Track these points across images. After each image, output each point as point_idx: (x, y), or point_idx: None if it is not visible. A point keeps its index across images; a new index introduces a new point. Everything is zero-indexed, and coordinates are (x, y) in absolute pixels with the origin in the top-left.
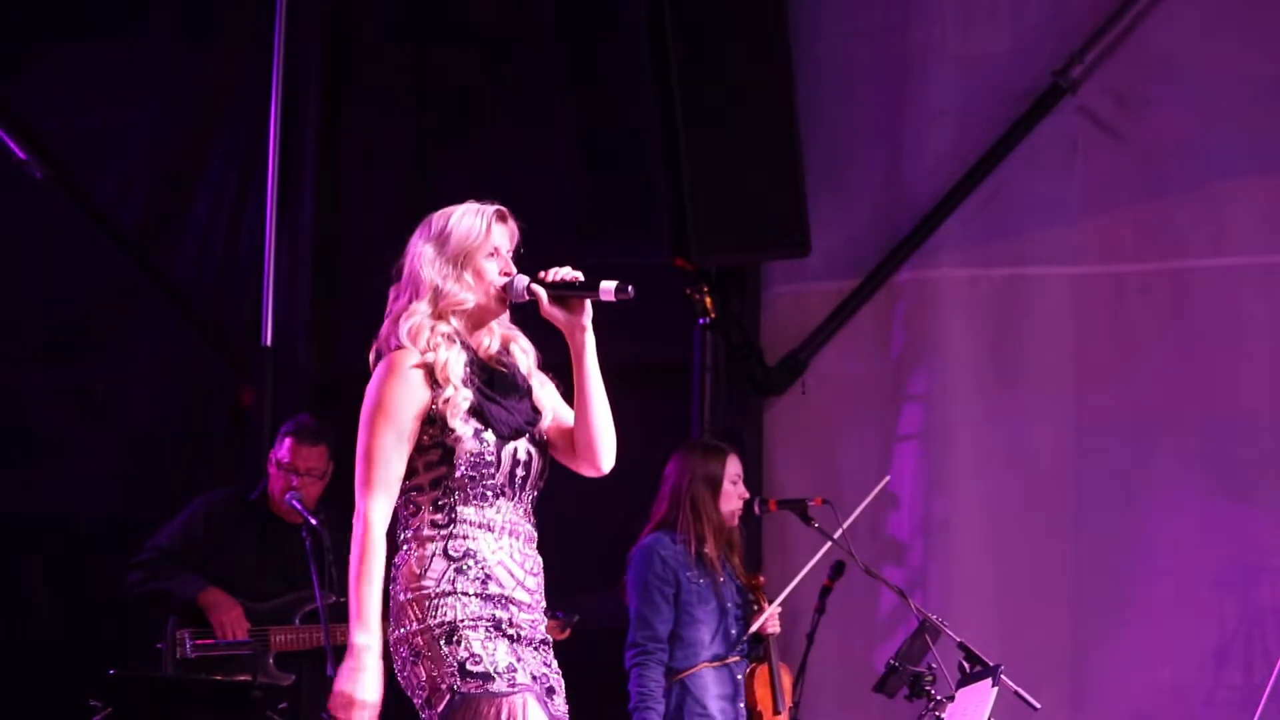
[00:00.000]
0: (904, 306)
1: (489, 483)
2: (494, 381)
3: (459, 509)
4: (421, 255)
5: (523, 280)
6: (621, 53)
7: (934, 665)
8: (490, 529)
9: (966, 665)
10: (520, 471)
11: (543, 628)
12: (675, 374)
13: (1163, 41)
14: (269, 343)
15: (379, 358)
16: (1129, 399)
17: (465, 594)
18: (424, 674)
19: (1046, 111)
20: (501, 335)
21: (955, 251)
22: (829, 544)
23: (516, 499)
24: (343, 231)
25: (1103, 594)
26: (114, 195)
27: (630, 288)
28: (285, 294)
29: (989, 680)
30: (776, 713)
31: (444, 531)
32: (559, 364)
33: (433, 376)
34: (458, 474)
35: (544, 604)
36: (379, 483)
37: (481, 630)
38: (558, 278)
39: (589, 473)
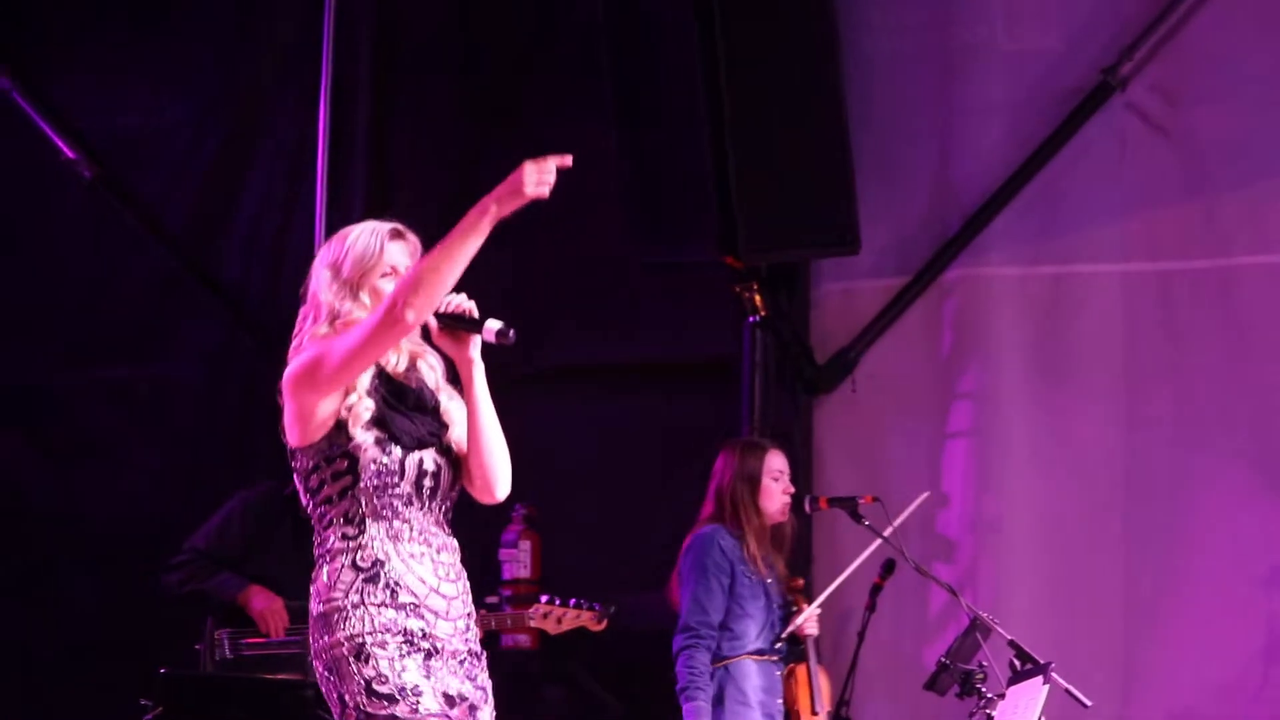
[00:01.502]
0: (953, 304)
1: (395, 492)
2: (401, 395)
3: (368, 520)
4: (320, 279)
5: None
6: (669, 51)
7: (985, 663)
8: (400, 539)
9: (1017, 663)
10: (428, 482)
11: (472, 637)
12: (725, 372)
13: (1211, 39)
14: None
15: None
16: (1178, 396)
17: (375, 604)
18: (335, 690)
19: (1095, 109)
20: (410, 352)
21: (1004, 249)
22: (877, 542)
23: (426, 509)
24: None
25: (1152, 591)
26: (161, 194)
27: (512, 332)
28: None
29: (1040, 678)
30: (813, 714)
31: (353, 543)
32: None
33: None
34: (362, 483)
35: (471, 612)
36: (333, 356)
37: (391, 647)
38: (450, 308)
39: (485, 500)
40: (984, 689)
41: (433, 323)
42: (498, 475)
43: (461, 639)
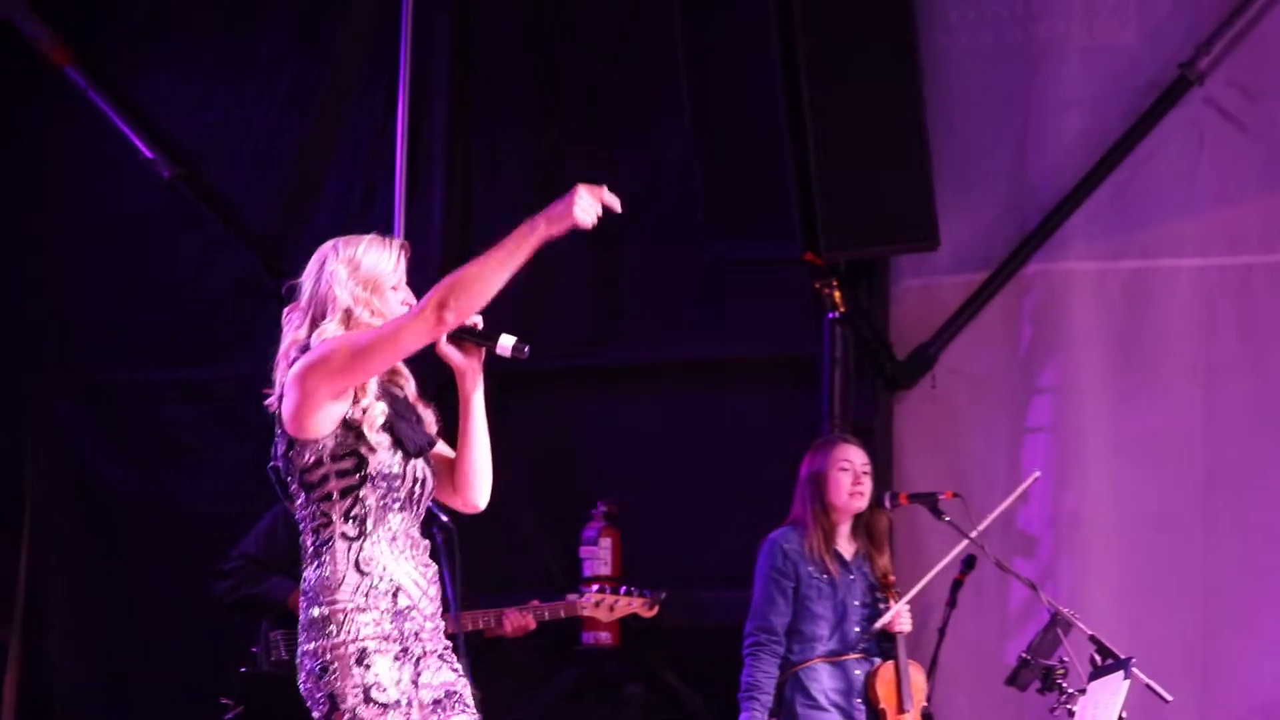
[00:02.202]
0: (1032, 299)
1: (395, 495)
2: (395, 403)
3: (368, 521)
4: (334, 275)
5: None
6: (747, 48)
7: (1065, 658)
8: (395, 542)
9: (1098, 658)
10: (419, 489)
11: (442, 634)
12: (805, 369)
13: None
14: None
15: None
16: (1257, 390)
17: (378, 609)
18: (328, 689)
19: (1173, 103)
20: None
21: (1083, 244)
22: (963, 539)
23: (413, 514)
24: (469, 231)
25: (1232, 586)
26: (241, 194)
27: (527, 348)
28: (414, 291)
29: (1120, 673)
30: (901, 711)
31: (355, 544)
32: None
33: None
34: (369, 485)
35: (440, 611)
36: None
37: (390, 655)
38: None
39: (462, 508)
40: (1065, 684)
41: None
42: (482, 487)
43: (438, 638)
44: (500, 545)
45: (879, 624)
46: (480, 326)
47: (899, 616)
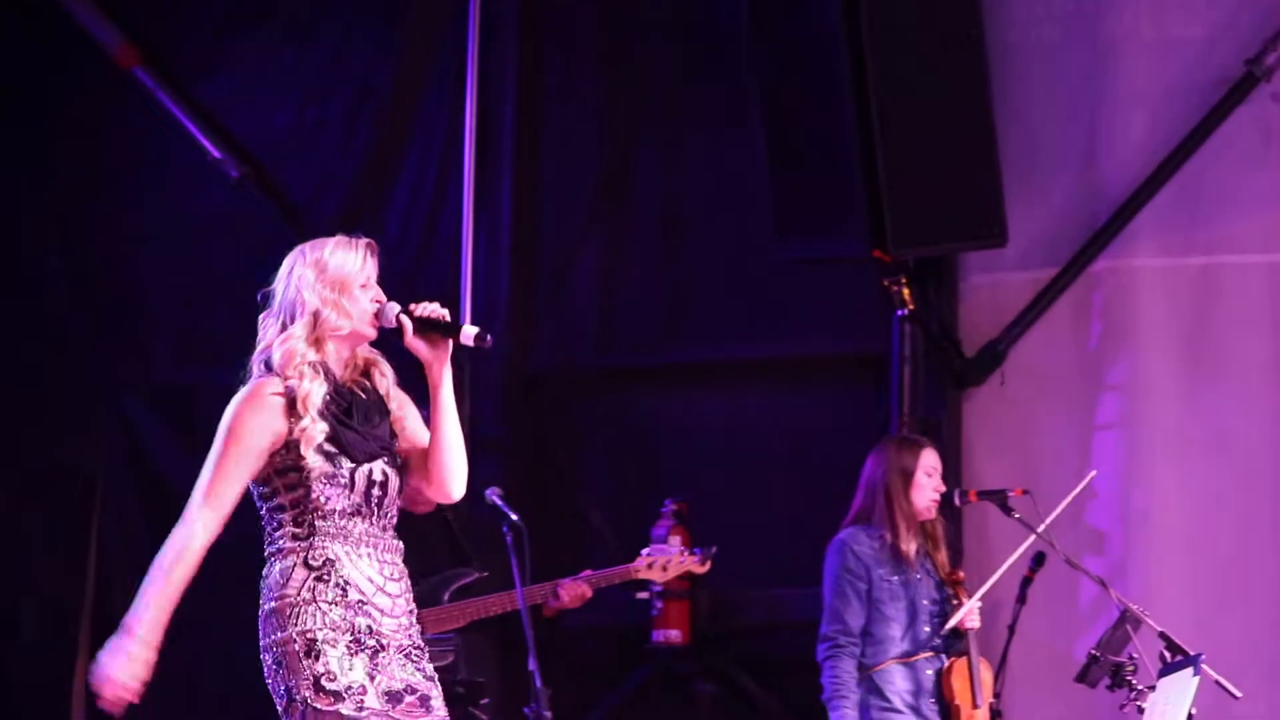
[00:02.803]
0: (1101, 296)
1: (345, 502)
2: (353, 408)
3: (317, 523)
4: (303, 279)
5: (393, 308)
6: (814, 45)
7: (1135, 655)
8: (348, 541)
9: (1168, 655)
10: (377, 491)
11: (415, 632)
12: (874, 366)
13: None
14: None
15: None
16: None
17: (325, 602)
18: (284, 683)
19: (1241, 99)
20: (364, 359)
21: (1151, 240)
22: (1031, 536)
23: (374, 515)
24: (540, 225)
25: None
26: (310, 192)
27: (489, 336)
28: (484, 288)
29: (1190, 669)
30: (975, 707)
31: (304, 544)
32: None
33: (293, 405)
34: (313, 495)
35: (413, 610)
36: (215, 498)
37: (341, 646)
38: (425, 313)
39: (438, 499)
40: (1134, 681)
41: (409, 326)
42: (455, 475)
43: (405, 634)
44: (570, 542)
45: (951, 622)
46: (446, 318)
47: (971, 613)
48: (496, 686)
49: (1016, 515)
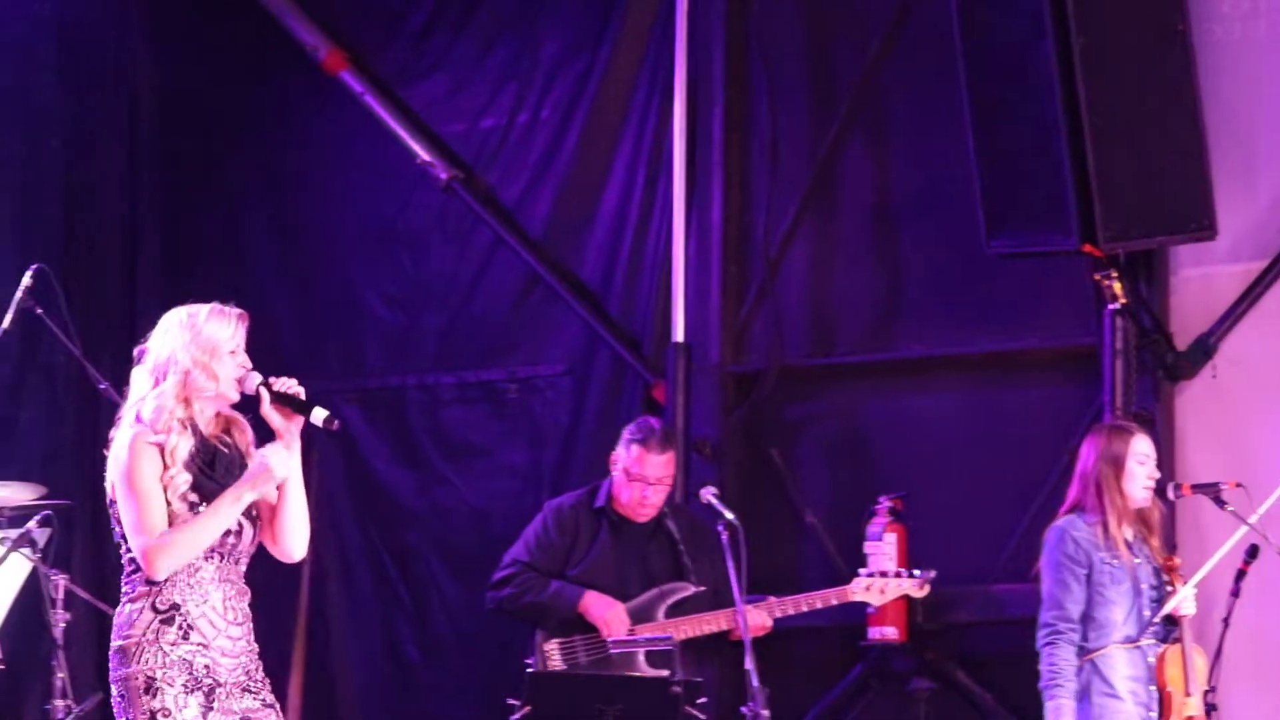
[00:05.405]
0: None
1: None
2: (215, 461)
3: None
4: (177, 340)
5: (255, 378)
6: (1022, 40)
7: None
8: (198, 587)
9: None
10: (231, 539)
11: (254, 669)
12: (1086, 360)
13: None
14: (681, 338)
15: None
16: None
17: (168, 643)
18: (124, 716)
19: None
20: (225, 417)
21: None
22: (1244, 528)
23: (226, 561)
24: (750, 224)
25: None
26: (520, 195)
27: (336, 422)
28: (695, 290)
29: None
30: (1187, 695)
31: (155, 588)
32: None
33: (163, 454)
34: None
35: (254, 649)
36: (150, 527)
37: (178, 685)
38: (283, 388)
39: (280, 557)
40: None
41: (265, 397)
42: (296, 543)
43: (243, 671)
44: (785, 541)
45: (1166, 608)
46: (301, 395)
47: (1186, 600)
48: (714, 686)
49: (1230, 508)
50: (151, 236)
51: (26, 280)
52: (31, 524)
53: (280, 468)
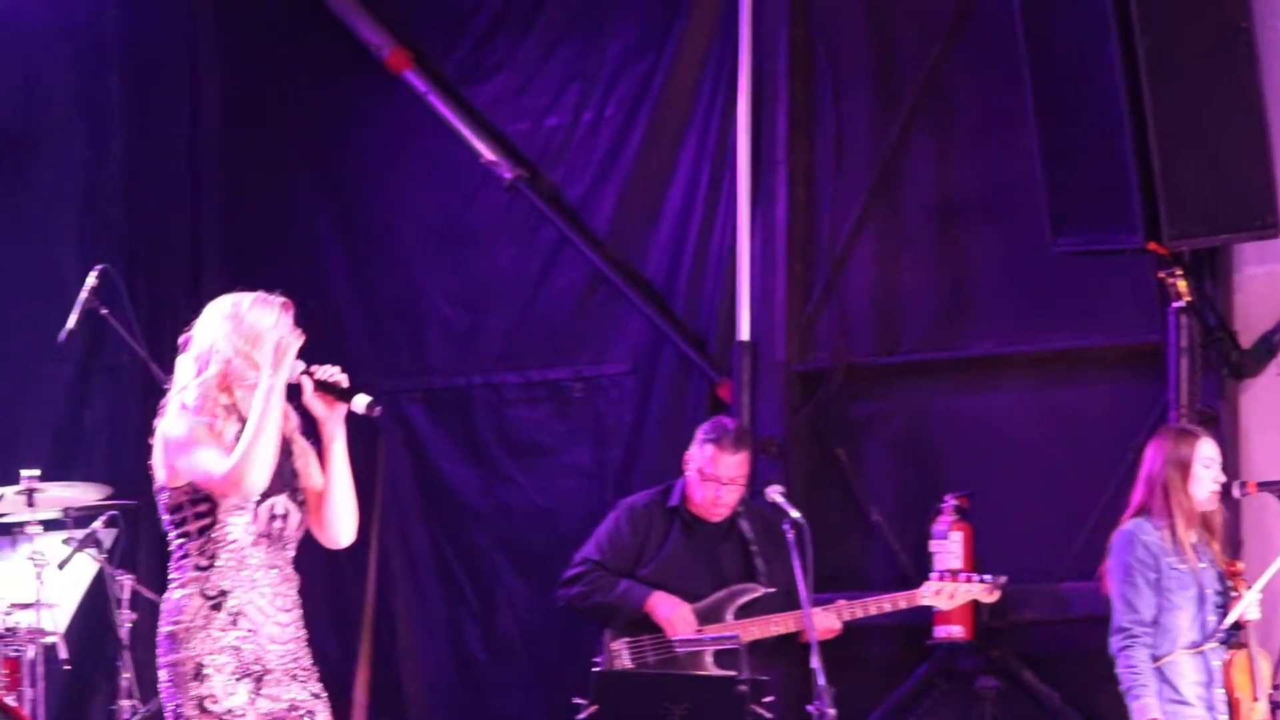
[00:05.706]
0: None
1: (248, 534)
2: None
3: (220, 554)
4: (218, 328)
5: (298, 366)
6: (1086, 41)
7: None
8: (246, 572)
9: None
10: (278, 524)
11: (303, 656)
12: (1150, 358)
13: None
14: (747, 337)
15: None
16: None
17: (217, 629)
18: (173, 700)
19: None
20: None
21: None
22: None
23: (273, 546)
24: (814, 223)
25: None
26: (584, 195)
27: (379, 408)
28: (760, 288)
29: None
30: (1255, 700)
31: (204, 574)
32: None
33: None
34: (220, 524)
35: (302, 636)
36: (221, 458)
37: (227, 671)
38: (325, 376)
39: (327, 544)
40: None
41: (308, 386)
42: (344, 526)
43: (292, 658)
44: (853, 540)
45: (1232, 615)
46: (344, 383)
47: (1251, 605)
48: (781, 684)
49: None
50: (215, 236)
51: (91, 280)
52: (97, 524)
53: (286, 341)
